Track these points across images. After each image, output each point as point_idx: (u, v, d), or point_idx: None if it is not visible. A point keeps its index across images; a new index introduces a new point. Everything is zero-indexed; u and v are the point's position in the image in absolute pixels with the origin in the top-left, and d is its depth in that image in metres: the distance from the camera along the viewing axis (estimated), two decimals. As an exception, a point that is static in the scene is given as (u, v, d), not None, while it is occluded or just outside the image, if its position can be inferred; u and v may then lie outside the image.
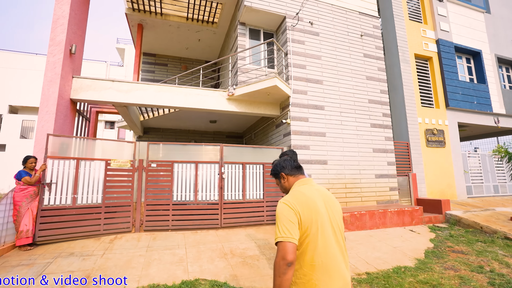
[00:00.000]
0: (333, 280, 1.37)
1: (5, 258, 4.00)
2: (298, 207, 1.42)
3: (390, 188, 7.69)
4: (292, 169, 1.66)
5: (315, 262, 1.38)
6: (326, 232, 1.42)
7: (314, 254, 1.38)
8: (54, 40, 5.50)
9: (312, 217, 1.41)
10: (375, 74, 8.20)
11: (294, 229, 1.37)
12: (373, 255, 4.54)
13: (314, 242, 1.38)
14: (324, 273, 1.37)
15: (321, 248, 1.39)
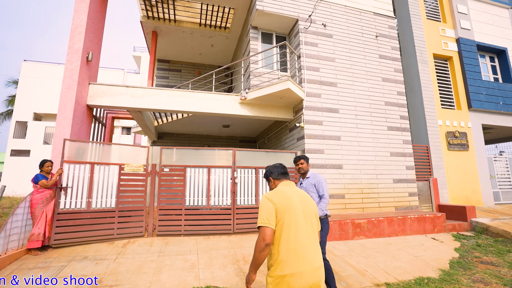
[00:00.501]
0: (300, 263, 1.64)
1: (23, 261, 4.08)
2: (275, 199, 1.76)
3: (410, 193, 7.35)
4: (278, 174, 2.02)
5: (288, 245, 1.67)
6: (299, 223, 1.72)
7: (288, 238, 1.68)
8: (72, 48, 5.67)
9: (286, 208, 1.73)
10: (391, 75, 7.94)
11: (272, 217, 1.71)
12: (392, 265, 4.30)
13: (287, 229, 1.69)
14: (293, 256, 1.65)
15: (293, 234, 1.68)
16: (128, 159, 5.52)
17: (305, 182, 3.53)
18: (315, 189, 3.41)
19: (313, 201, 1.92)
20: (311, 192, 3.42)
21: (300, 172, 3.58)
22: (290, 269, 1.63)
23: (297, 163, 3.57)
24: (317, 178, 3.45)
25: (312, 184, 3.45)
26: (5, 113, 27.94)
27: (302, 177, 3.62)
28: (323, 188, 3.40)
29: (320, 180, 3.44)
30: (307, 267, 1.65)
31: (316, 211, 1.89)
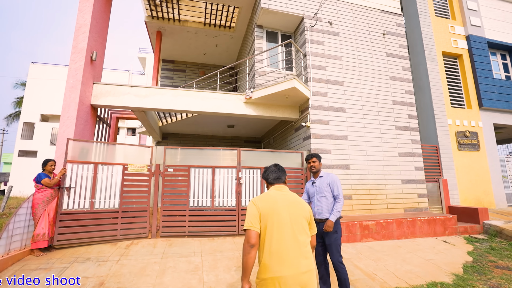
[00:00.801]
0: (282, 267, 1.64)
1: (25, 262, 4.03)
2: (259, 204, 1.80)
3: (419, 194, 7.16)
4: (272, 179, 2.03)
5: (270, 248, 1.69)
6: (283, 227, 1.72)
7: (270, 242, 1.70)
8: (76, 48, 5.64)
9: (269, 212, 1.75)
10: (399, 74, 7.76)
11: (255, 220, 1.75)
12: (403, 268, 4.14)
13: (270, 232, 1.71)
14: (274, 259, 1.66)
15: (275, 238, 1.69)
16: (132, 159, 5.46)
17: (319, 182, 3.37)
18: (329, 188, 3.27)
19: (304, 205, 1.89)
20: (325, 192, 3.27)
21: (311, 170, 3.43)
22: (272, 272, 1.64)
23: (309, 161, 3.43)
24: (331, 177, 3.32)
25: (326, 183, 3.30)
26: (13, 115, 28.34)
27: (314, 176, 3.47)
28: (338, 188, 3.26)
29: (335, 180, 3.30)
30: (290, 272, 1.64)
31: (307, 214, 1.85)
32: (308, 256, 1.73)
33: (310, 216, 1.88)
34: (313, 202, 3.38)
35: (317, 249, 3.22)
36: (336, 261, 3.06)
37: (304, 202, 1.92)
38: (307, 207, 1.89)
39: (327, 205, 3.22)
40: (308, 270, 1.68)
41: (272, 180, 2.03)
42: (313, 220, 1.92)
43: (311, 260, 1.73)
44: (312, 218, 1.90)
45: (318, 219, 3.23)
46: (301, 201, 1.90)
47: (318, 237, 3.19)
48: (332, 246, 3.11)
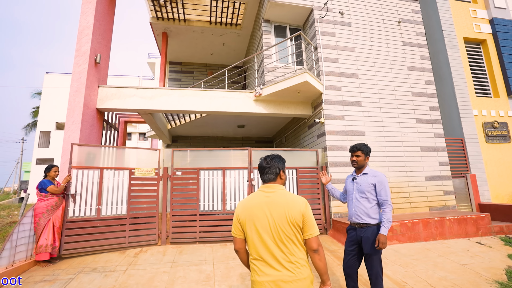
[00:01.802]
0: (265, 271, 1.55)
1: (30, 273, 3.86)
2: (238, 210, 1.71)
3: (445, 191, 6.63)
4: (261, 178, 1.78)
5: (253, 254, 1.62)
6: (262, 233, 1.58)
7: (252, 247, 1.62)
8: (80, 51, 5.51)
9: (246, 219, 1.64)
10: (417, 63, 7.26)
11: (236, 227, 1.70)
12: (436, 275, 3.71)
13: (250, 238, 1.62)
14: (256, 265, 1.60)
15: (257, 243, 1.60)
16: (139, 163, 5.26)
17: (360, 179, 2.81)
18: (374, 191, 2.73)
19: (290, 208, 1.59)
20: (367, 193, 2.74)
21: (353, 165, 2.89)
22: (254, 277, 1.59)
23: (352, 155, 2.88)
24: (379, 178, 2.73)
25: (371, 184, 2.76)
26: (31, 124, 29.20)
27: (357, 171, 2.91)
28: (387, 192, 2.68)
29: (383, 182, 2.70)
30: (268, 277, 1.53)
31: (293, 218, 1.57)
32: (289, 267, 1.53)
33: (302, 218, 1.58)
34: (350, 201, 2.87)
35: (348, 259, 2.76)
36: (376, 275, 2.60)
37: (292, 204, 1.60)
38: (295, 209, 1.58)
39: (368, 209, 2.71)
40: (284, 280, 1.50)
41: (261, 179, 1.77)
42: (307, 222, 1.58)
43: (295, 269, 1.53)
44: (305, 220, 1.58)
45: (354, 223, 2.77)
46: (288, 203, 1.60)
47: (351, 244, 2.76)
48: (373, 257, 2.61)
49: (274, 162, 1.75)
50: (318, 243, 1.58)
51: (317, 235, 1.59)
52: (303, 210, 1.59)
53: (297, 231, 1.57)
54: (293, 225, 1.56)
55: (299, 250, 1.58)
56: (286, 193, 1.68)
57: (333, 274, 3.79)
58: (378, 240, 2.55)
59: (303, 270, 1.54)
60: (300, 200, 1.63)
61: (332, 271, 3.91)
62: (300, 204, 1.60)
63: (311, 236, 1.57)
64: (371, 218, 2.68)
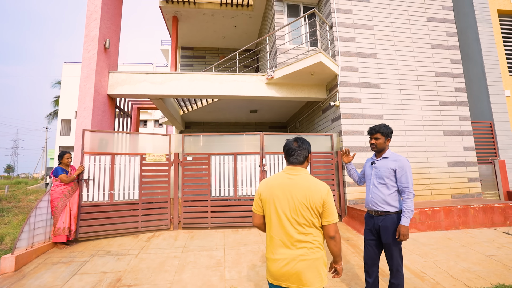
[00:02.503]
0: (280, 250, 1.60)
1: (49, 254, 3.99)
2: (261, 189, 1.74)
3: (469, 178, 6.24)
4: (287, 159, 1.78)
5: (268, 233, 1.69)
6: (281, 212, 1.62)
7: (269, 226, 1.68)
8: (88, 36, 5.45)
9: (267, 198, 1.68)
10: (443, 40, 6.71)
11: (257, 204, 1.77)
12: (458, 266, 3.49)
13: (268, 217, 1.68)
14: (271, 243, 1.66)
15: (274, 222, 1.64)
16: (151, 149, 5.25)
17: (380, 163, 2.57)
18: (394, 177, 2.49)
19: (311, 193, 1.59)
20: (386, 179, 2.51)
21: (372, 149, 2.64)
22: (269, 254, 1.66)
23: (371, 137, 2.63)
24: (400, 162, 2.47)
25: (390, 168, 2.50)
26: (53, 113, 30.33)
27: (377, 155, 2.65)
28: (408, 179, 2.41)
29: (404, 167, 2.43)
30: (283, 256, 1.58)
31: (312, 203, 1.57)
32: (302, 246, 1.58)
33: (322, 204, 1.58)
34: (367, 187, 2.65)
35: (369, 250, 2.59)
36: (396, 266, 2.42)
37: (314, 189, 1.59)
38: (316, 194, 1.58)
39: (386, 196, 2.49)
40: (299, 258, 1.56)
41: (287, 160, 1.78)
42: (327, 208, 1.58)
43: (307, 249, 1.58)
44: (325, 206, 1.58)
45: (372, 211, 2.58)
46: (310, 187, 1.60)
47: (371, 234, 2.58)
48: (393, 247, 2.42)
49: (305, 145, 1.76)
50: (335, 230, 1.60)
51: (335, 222, 1.60)
52: (325, 197, 1.58)
53: (316, 215, 1.59)
54: (313, 210, 1.58)
55: (316, 233, 1.61)
56: (310, 177, 1.68)
57: (348, 262, 3.66)
58: (399, 231, 2.36)
59: (315, 251, 1.58)
60: (323, 186, 1.62)
61: (347, 259, 3.77)
62: (322, 190, 1.60)
63: (330, 223, 1.59)
64: (390, 205, 2.47)
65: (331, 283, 3.13)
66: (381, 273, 3.20)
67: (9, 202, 11.18)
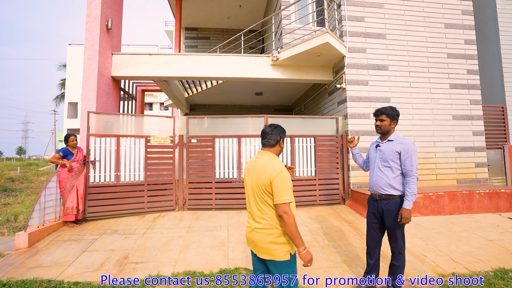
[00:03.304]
0: (249, 223, 1.89)
1: (59, 232, 4.15)
2: (244, 170, 1.98)
3: (476, 164, 6.15)
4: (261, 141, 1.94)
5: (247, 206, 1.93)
6: (249, 191, 1.87)
7: (247, 201, 1.91)
8: (90, 16, 5.35)
9: (244, 178, 1.94)
10: (457, 19, 6.39)
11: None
12: (459, 250, 3.51)
13: (246, 194, 1.93)
14: (248, 215, 1.92)
15: (247, 199, 1.91)
16: (155, 131, 5.28)
17: (385, 146, 2.53)
18: (398, 160, 2.46)
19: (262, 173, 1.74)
20: (391, 162, 2.44)
21: (377, 131, 2.60)
22: (246, 226, 1.92)
23: (376, 119, 2.59)
24: (405, 145, 2.42)
25: (395, 151, 2.43)
26: (60, 96, 30.52)
27: (382, 138, 2.62)
28: (412, 162, 2.38)
29: (409, 150, 2.39)
30: (249, 229, 1.84)
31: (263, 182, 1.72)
32: (260, 221, 1.77)
33: (270, 184, 1.71)
34: (371, 170, 2.62)
35: (371, 233, 2.60)
36: (399, 249, 2.45)
37: (265, 170, 1.73)
38: (266, 176, 1.72)
39: (390, 180, 2.45)
40: (254, 229, 1.79)
41: (261, 144, 1.94)
42: (274, 189, 1.69)
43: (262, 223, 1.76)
44: (272, 187, 1.70)
45: (375, 194, 2.56)
46: (263, 170, 1.75)
47: (373, 217, 2.58)
48: (396, 230, 2.43)
49: (277, 130, 1.89)
50: (283, 210, 1.66)
51: (282, 203, 1.66)
52: (272, 177, 1.69)
53: (266, 194, 1.73)
54: (263, 190, 1.73)
55: (269, 211, 1.75)
56: (269, 160, 1.79)
57: (350, 244, 3.71)
58: (401, 214, 2.35)
59: (268, 227, 1.73)
60: (273, 168, 1.72)
61: (348, 241, 3.83)
62: (271, 171, 1.71)
63: (277, 203, 1.68)
64: (394, 189, 2.45)
65: (332, 263, 3.20)
66: (382, 255, 3.24)
67: (22, 183, 11.55)
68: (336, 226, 4.40)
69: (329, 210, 5.24)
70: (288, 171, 2.15)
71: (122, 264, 3.21)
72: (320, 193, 5.54)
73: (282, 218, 1.67)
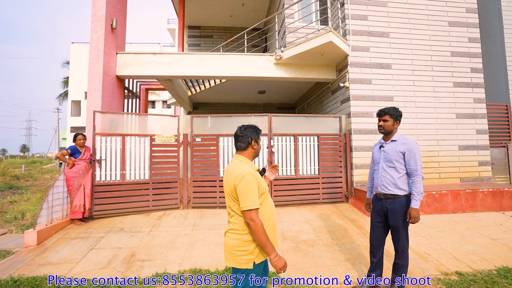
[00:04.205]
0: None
1: (67, 230, 4.22)
2: None
3: (480, 162, 6.15)
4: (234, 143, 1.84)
5: None
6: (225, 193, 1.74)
7: None
8: (95, 16, 5.39)
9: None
10: (461, 17, 6.36)
11: None
12: (463, 248, 3.54)
13: None
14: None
15: None
16: (160, 130, 5.32)
17: (388, 147, 2.56)
18: (402, 160, 2.50)
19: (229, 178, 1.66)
20: (395, 162, 2.51)
21: (380, 131, 2.62)
22: None
23: (379, 119, 2.60)
24: (409, 145, 2.46)
25: (399, 152, 2.50)
26: (63, 94, 30.67)
27: (385, 138, 2.64)
28: (417, 161, 2.41)
29: (413, 149, 2.43)
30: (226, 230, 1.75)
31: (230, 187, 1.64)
32: (229, 225, 1.71)
33: (234, 188, 1.62)
34: (376, 171, 2.65)
35: (375, 232, 2.63)
36: (402, 248, 2.47)
37: (231, 176, 1.65)
38: (231, 181, 1.64)
39: (395, 180, 2.47)
40: (226, 232, 1.72)
41: (235, 147, 1.86)
42: (238, 195, 1.59)
43: (230, 227, 1.69)
44: (237, 193, 1.60)
45: (380, 193, 2.57)
46: (229, 175, 1.68)
47: (377, 216, 2.61)
48: (400, 229, 2.44)
49: (247, 132, 1.78)
50: (249, 217, 1.57)
51: (247, 209, 1.56)
52: (236, 183, 1.60)
53: (232, 200, 1.66)
54: (230, 195, 1.66)
55: (236, 217, 1.66)
56: (236, 164, 1.70)
57: (353, 243, 3.75)
58: (410, 214, 2.37)
59: (233, 232, 1.66)
60: (237, 173, 1.62)
61: (352, 239, 3.87)
62: (235, 176, 1.61)
63: (242, 210, 1.59)
64: (399, 189, 2.48)
65: (335, 262, 3.24)
66: (385, 253, 3.27)
67: (27, 181, 11.67)
68: (340, 225, 4.43)
69: (332, 209, 5.27)
70: (271, 170, 2.14)
71: (129, 261, 3.26)
72: (324, 191, 5.58)
73: (249, 225, 1.57)
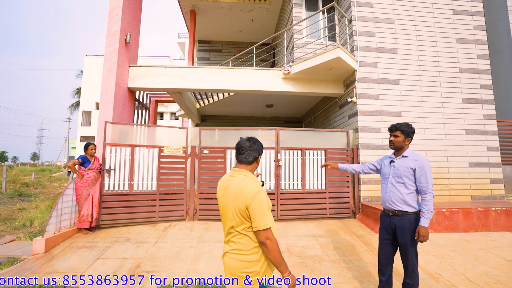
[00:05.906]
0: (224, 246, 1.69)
1: (74, 239, 4.24)
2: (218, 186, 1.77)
3: (492, 180, 6.01)
4: (236, 155, 1.74)
5: None
6: (221, 210, 1.67)
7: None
8: (111, 31, 5.61)
9: (218, 196, 1.72)
10: (469, 34, 6.41)
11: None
12: (476, 269, 3.42)
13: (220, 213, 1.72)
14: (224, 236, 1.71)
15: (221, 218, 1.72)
16: (168, 141, 5.40)
17: (399, 163, 2.54)
18: (413, 176, 2.47)
19: (238, 196, 1.52)
20: (405, 178, 2.45)
21: (390, 146, 2.60)
22: None
23: (390, 134, 2.59)
24: (420, 162, 2.43)
25: (410, 168, 2.48)
26: (74, 104, 31.52)
27: (396, 154, 2.62)
28: (427, 179, 2.37)
29: (424, 167, 2.39)
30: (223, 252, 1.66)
31: (239, 206, 1.51)
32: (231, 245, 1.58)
33: (245, 208, 1.50)
34: (384, 185, 2.62)
35: (384, 249, 2.58)
36: (412, 267, 2.41)
37: (240, 194, 1.52)
38: (241, 200, 1.51)
39: (404, 196, 2.44)
40: (225, 253, 1.62)
41: (236, 159, 1.72)
42: (251, 214, 1.49)
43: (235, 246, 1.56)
44: (250, 212, 1.49)
45: (389, 209, 2.54)
46: (237, 192, 1.54)
47: (386, 233, 2.56)
48: (409, 247, 2.39)
49: (256, 146, 1.70)
50: (265, 236, 1.48)
51: (264, 229, 1.48)
52: (248, 203, 1.49)
53: (240, 219, 1.53)
54: (237, 214, 1.53)
55: (240, 236, 1.55)
56: (242, 180, 1.58)
57: (361, 260, 3.66)
58: (418, 232, 2.33)
59: (236, 253, 1.55)
60: (247, 190, 1.51)
61: (359, 256, 3.78)
62: (246, 194, 1.50)
63: (256, 229, 1.49)
64: (409, 205, 2.44)
65: (343, 279, 3.16)
66: (394, 272, 3.19)
67: (36, 188, 11.85)
68: (347, 241, 4.35)
69: (339, 224, 5.18)
70: None
71: (134, 272, 3.25)
72: (331, 206, 5.51)
73: (265, 244, 1.49)
